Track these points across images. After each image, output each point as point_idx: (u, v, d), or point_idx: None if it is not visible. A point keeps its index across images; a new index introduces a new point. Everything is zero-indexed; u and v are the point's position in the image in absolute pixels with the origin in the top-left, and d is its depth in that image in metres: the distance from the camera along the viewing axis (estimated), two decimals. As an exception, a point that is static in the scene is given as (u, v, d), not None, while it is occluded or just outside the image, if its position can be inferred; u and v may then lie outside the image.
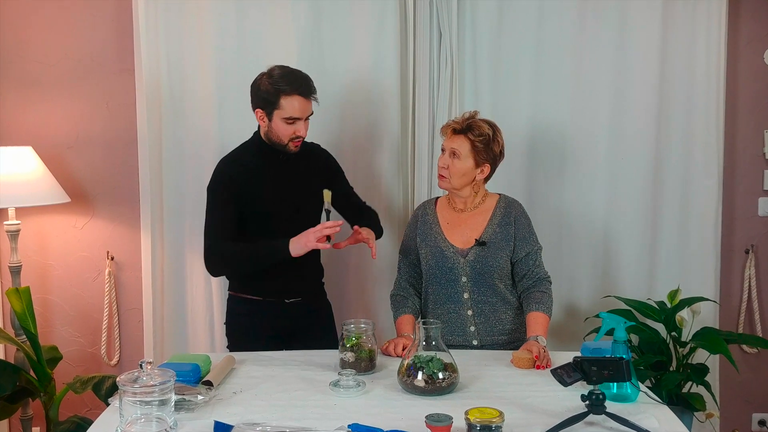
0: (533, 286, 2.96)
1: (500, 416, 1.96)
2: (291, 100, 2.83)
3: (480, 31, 3.67)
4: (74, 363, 3.85)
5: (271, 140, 2.93)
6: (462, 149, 2.90)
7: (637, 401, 2.33)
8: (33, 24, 3.71)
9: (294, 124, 2.86)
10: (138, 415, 2.02)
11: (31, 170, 3.51)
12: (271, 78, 2.84)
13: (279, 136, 2.89)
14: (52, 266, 3.82)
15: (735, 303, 3.94)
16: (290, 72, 2.87)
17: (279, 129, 2.88)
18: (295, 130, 2.87)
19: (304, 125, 2.89)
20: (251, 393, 2.42)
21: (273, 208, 2.95)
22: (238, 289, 3.09)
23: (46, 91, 3.73)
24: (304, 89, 2.85)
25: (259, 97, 2.88)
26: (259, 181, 2.94)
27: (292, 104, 2.83)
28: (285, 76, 2.84)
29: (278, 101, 2.83)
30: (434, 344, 2.41)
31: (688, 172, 3.75)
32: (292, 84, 2.83)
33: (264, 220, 2.95)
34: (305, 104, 2.86)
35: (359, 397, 2.38)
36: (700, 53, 3.68)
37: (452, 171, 2.92)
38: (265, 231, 2.93)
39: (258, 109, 2.90)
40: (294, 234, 2.82)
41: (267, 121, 2.89)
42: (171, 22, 3.59)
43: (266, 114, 2.88)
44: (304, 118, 2.89)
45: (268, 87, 2.84)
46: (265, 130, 2.93)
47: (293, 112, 2.84)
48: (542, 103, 3.71)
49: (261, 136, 2.98)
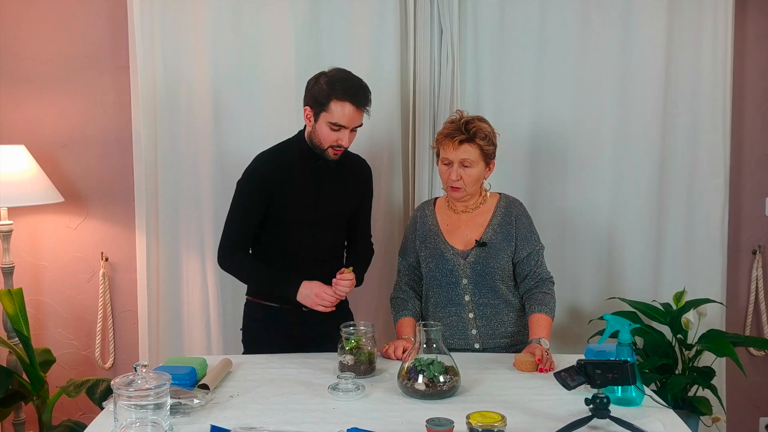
0: (535, 287, 2.93)
1: (502, 420, 1.97)
2: (341, 105, 2.73)
3: (481, 27, 3.66)
4: (68, 366, 3.84)
5: (312, 143, 2.86)
6: (472, 156, 2.85)
7: (642, 405, 2.31)
8: (26, 20, 3.69)
9: (338, 132, 2.78)
10: (133, 420, 2.01)
11: (24, 169, 3.50)
12: (328, 78, 2.76)
13: (320, 140, 2.82)
14: (45, 267, 3.81)
15: (742, 305, 3.93)
16: (349, 77, 2.79)
17: (322, 133, 2.80)
18: (338, 138, 2.79)
19: (348, 135, 2.81)
20: (248, 396, 2.41)
21: (299, 214, 2.91)
22: (255, 295, 3.05)
23: (39, 89, 3.72)
24: (358, 98, 2.75)
25: (310, 94, 2.81)
26: (291, 183, 2.88)
27: (341, 110, 2.74)
28: (342, 81, 2.76)
29: (328, 104, 2.74)
30: (435, 347, 2.40)
31: (694, 172, 3.73)
32: (347, 90, 2.74)
33: (285, 225, 2.91)
34: (355, 114, 2.77)
35: (358, 401, 2.37)
36: (706, 50, 3.66)
37: (466, 181, 2.87)
38: (281, 237, 2.92)
39: (307, 106, 2.83)
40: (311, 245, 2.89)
41: (312, 121, 2.82)
42: (167, 18, 3.56)
43: (313, 114, 2.80)
44: (351, 128, 2.80)
45: (322, 87, 2.75)
46: (309, 130, 2.86)
47: (340, 118, 2.75)
48: (545, 101, 3.69)
49: (305, 136, 2.91)
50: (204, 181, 3.65)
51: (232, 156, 3.58)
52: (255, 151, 2.84)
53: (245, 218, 2.91)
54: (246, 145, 3.51)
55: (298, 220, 2.90)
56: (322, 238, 2.95)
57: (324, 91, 2.74)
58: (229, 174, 3.58)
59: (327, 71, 2.81)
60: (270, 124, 3.58)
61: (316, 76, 2.81)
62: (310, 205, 2.91)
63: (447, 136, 2.87)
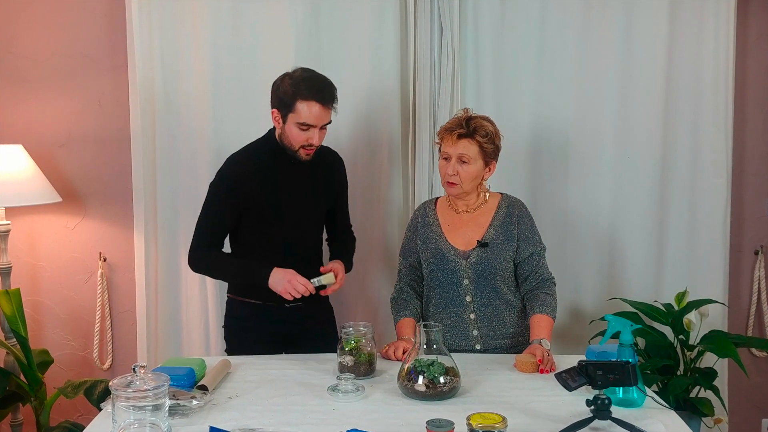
0: (537, 288, 2.93)
1: (503, 422, 1.96)
2: (308, 105, 2.73)
3: (482, 26, 3.64)
4: (65, 367, 3.82)
5: (283, 143, 2.86)
6: (470, 152, 2.84)
7: (643, 406, 2.31)
8: (23, 19, 3.68)
9: (307, 131, 2.78)
10: (131, 421, 2.01)
11: (22, 169, 3.49)
12: (292, 79, 2.76)
13: (291, 141, 2.82)
14: (42, 267, 3.80)
15: (744, 305, 3.92)
16: (313, 76, 2.79)
17: (291, 134, 2.80)
18: (308, 137, 2.79)
19: (318, 134, 2.80)
20: (247, 398, 2.41)
21: (275, 213, 2.90)
22: (237, 293, 3.06)
23: (36, 88, 3.71)
24: (323, 96, 2.76)
25: (276, 96, 2.80)
26: (265, 185, 2.88)
27: (308, 110, 2.74)
28: (306, 80, 2.76)
29: (294, 104, 2.74)
30: (435, 347, 2.40)
31: (696, 171, 3.72)
32: (312, 89, 2.74)
33: (263, 224, 2.91)
34: (322, 112, 2.77)
35: (358, 402, 2.37)
36: (708, 49, 3.65)
37: (463, 177, 2.87)
38: (261, 235, 2.91)
39: (275, 109, 2.83)
40: (290, 242, 2.90)
41: (281, 123, 2.82)
42: (165, 17, 3.55)
43: (281, 116, 2.80)
44: (320, 126, 2.80)
45: (287, 88, 2.75)
46: (279, 132, 2.86)
47: (308, 118, 2.75)
48: (546, 100, 3.68)
49: (275, 136, 2.91)
50: (202, 180, 3.56)
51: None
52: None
53: (218, 221, 2.92)
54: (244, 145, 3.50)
55: (275, 220, 2.90)
56: (301, 235, 2.96)
57: (289, 92, 2.74)
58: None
59: (291, 72, 2.81)
60: (269, 124, 3.50)
61: (281, 77, 2.81)
62: (287, 204, 2.91)
63: (447, 130, 2.88)
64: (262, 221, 2.90)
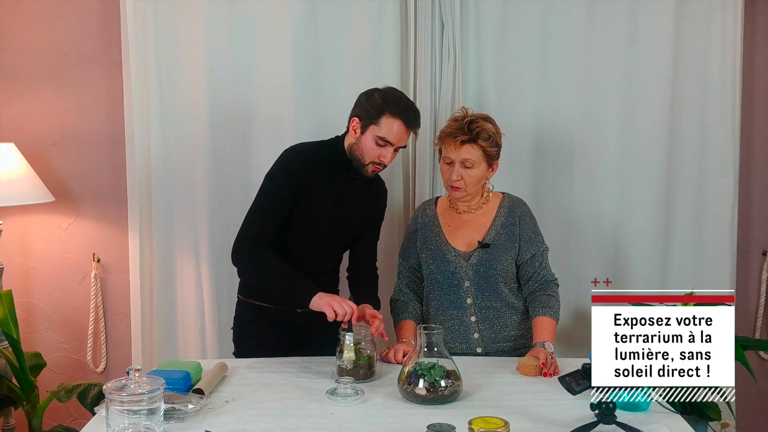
0: (539, 290, 2.92)
1: (505, 426, 1.97)
2: (393, 121, 2.74)
3: (484, 22, 3.61)
4: (58, 370, 3.81)
5: (353, 155, 2.84)
6: (473, 157, 2.84)
7: (649, 410, 2.31)
8: (14, 14, 3.66)
9: (383, 148, 2.77)
10: (125, 425, 2.02)
11: (13, 168, 3.47)
12: (383, 94, 2.80)
13: (363, 154, 2.80)
14: (35, 268, 3.78)
15: (752, 307, 3.90)
16: (403, 97, 2.85)
17: (366, 146, 2.79)
18: (381, 154, 2.78)
19: (392, 153, 2.81)
20: (244, 402, 2.40)
21: (314, 220, 2.88)
22: (247, 295, 3.02)
23: (28, 85, 3.69)
24: (409, 118, 2.78)
25: (362, 106, 2.81)
26: (318, 187, 2.86)
27: (391, 126, 2.74)
28: (397, 99, 2.80)
29: (380, 118, 2.75)
30: (436, 350, 2.40)
31: (703, 170, 3.69)
32: (400, 108, 2.77)
33: (297, 226, 2.87)
34: (404, 133, 2.78)
35: (357, 406, 2.37)
36: (715, 46, 3.62)
37: (467, 181, 2.87)
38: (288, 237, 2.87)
39: (356, 117, 2.82)
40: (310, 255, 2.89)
41: (359, 133, 2.81)
42: (160, 13, 3.52)
43: (362, 126, 2.80)
44: (395, 147, 2.80)
45: (376, 100, 2.77)
46: (352, 141, 2.84)
47: (388, 134, 2.75)
48: (550, 98, 3.65)
49: (344, 145, 2.89)
50: (198, 180, 3.61)
51: (226, 155, 3.57)
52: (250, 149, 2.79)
53: (272, 212, 2.84)
54: (241, 144, 3.49)
55: (311, 226, 2.88)
56: (327, 250, 2.96)
57: (378, 105, 2.76)
58: (223, 173, 3.59)
59: (381, 88, 2.84)
60: (266, 122, 3.56)
61: (370, 90, 2.84)
62: (329, 214, 2.89)
63: (449, 135, 2.87)
64: (299, 223, 2.86)
